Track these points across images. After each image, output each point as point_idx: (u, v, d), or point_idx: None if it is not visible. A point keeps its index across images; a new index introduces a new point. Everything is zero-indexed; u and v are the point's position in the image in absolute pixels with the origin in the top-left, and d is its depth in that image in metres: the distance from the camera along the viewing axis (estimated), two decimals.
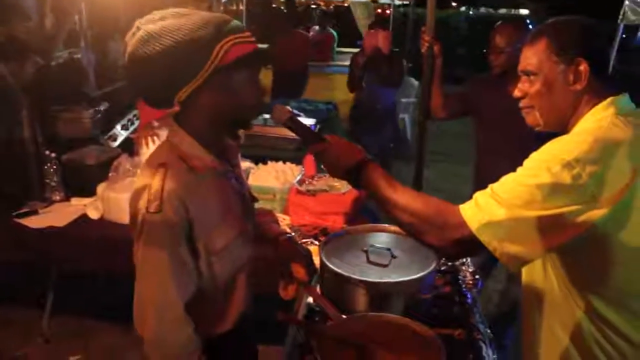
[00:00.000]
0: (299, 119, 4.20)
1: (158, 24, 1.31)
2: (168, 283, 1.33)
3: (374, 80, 4.78)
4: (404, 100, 7.95)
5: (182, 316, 1.36)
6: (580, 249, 1.31)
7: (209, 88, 1.34)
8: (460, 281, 2.05)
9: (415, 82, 8.33)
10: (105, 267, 2.98)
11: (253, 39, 1.37)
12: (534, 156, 1.33)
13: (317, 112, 5.52)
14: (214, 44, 1.30)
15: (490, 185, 1.35)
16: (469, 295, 1.97)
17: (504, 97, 2.63)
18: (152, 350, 1.36)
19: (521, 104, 1.50)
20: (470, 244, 1.32)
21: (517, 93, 1.50)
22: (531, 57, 1.44)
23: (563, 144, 1.31)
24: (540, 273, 1.48)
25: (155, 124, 3.35)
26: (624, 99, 1.40)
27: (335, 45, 8.93)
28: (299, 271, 1.66)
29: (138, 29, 1.33)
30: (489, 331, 1.79)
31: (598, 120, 1.36)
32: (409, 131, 8.22)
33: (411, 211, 1.39)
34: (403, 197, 1.41)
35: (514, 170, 1.46)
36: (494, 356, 1.67)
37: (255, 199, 1.69)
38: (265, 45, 6.33)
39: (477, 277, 2.08)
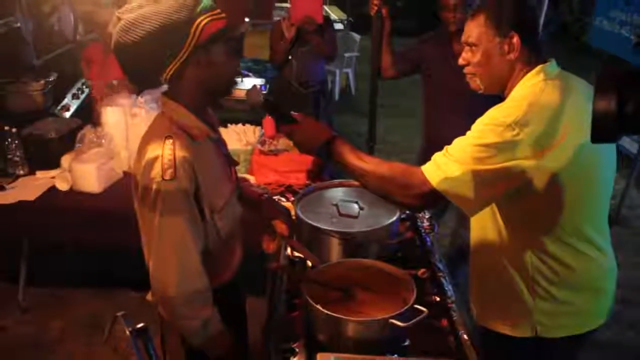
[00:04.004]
0: (250, 78, 4.26)
1: (137, 12, 1.43)
2: (187, 241, 1.49)
3: (304, 53, 4.28)
4: (347, 55, 8.10)
5: (201, 269, 1.53)
6: (527, 197, 1.55)
7: (192, 64, 1.48)
8: (419, 227, 2.29)
9: (357, 37, 8.48)
10: (77, 237, 3.07)
11: (223, 15, 1.51)
12: (480, 121, 1.55)
13: (264, 72, 5.61)
14: (190, 24, 1.43)
15: (445, 147, 1.57)
16: (427, 239, 2.21)
17: (450, 55, 2.84)
18: (174, 304, 1.50)
19: (465, 70, 1.72)
20: (432, 197, 1.55)
21: (461, 61, 1.71)
22: (472, 30, 1.66)
23: (503, 110, 1.53)
24: (489, 218, 1.72)
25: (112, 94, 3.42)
26: (551, 65, 1.64)
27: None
28: (281, 227, 1.84)
29: (119, 19, 1.45)
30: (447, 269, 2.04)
31: (531, 86, 1.58)
32: (352, 85, 8.42)
33: (379, 175, 1.60)
34: (370, 164, 1.61)
35: (459, 123, 1.69)
36: (453, 290, 1.91)
37: (236, 163, 1.85)
38: None
39: (433, 222, 2.33)
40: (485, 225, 1.75)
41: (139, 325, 1.31)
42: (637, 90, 0.90)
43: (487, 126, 1.51)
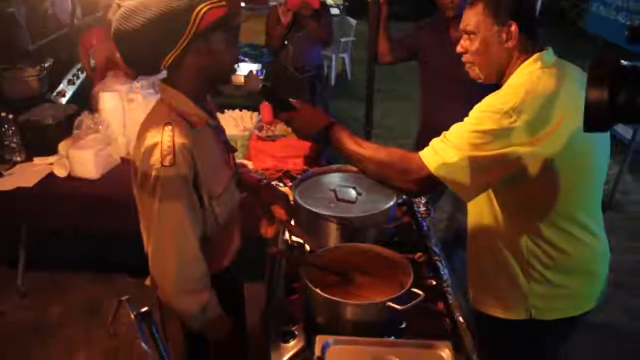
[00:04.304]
0: (246, 63, 4.25)
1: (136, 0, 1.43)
2: (186, 227, 1.50)
3: (300, 39, 4.28)
4: (343, 39, 8.08)
5: (199, 254, 1.55)
6: (522, 183, 1.57)
7: (191, 52, 1.48)
8: (415, 212, 2.31)
9: (353, 21, 8.45)
10: (75, 223, 3.10)
11: (223, 3, 1.51)
12: (477, 108, 1.57)
13: (261, 57, 5.60)
14: (190, 12, 1.43)
15: (443, 133, 1.59)
16: (424, 223, 2.24)
17: (448, 42, 2.86)
18: (173, 289, 1.52)
19: (463, 58, 1.73)
20: (429, 183, 1.57)
21: (459, 49, 1.73)
22: (470, 18, 1.67)
23: (501, 97, 1.55)
24: (486, 203, 1.74)
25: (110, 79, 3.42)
26: (548, 53, 1.65)
27: None
28: (280, 212, 1.86)
29: (119, 6, 1.46)
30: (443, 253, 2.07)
31: (528, 73, 1.60)
32: (349, 70, 8.42)
33: (377, 161, 1.62)
34: (368, 150, 1.63)
35: (456, 109, 1.71)
36: (449, 274, 1.94)
37: (234, 149, 1.86)
38: None
39: (429, 207, 2.35)
40: (481, 210, 1.78)
41: (143, 309, 1.33)
42: (628, 80, 0.92)
43: (485, 113, 1.53)
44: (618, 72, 0.94)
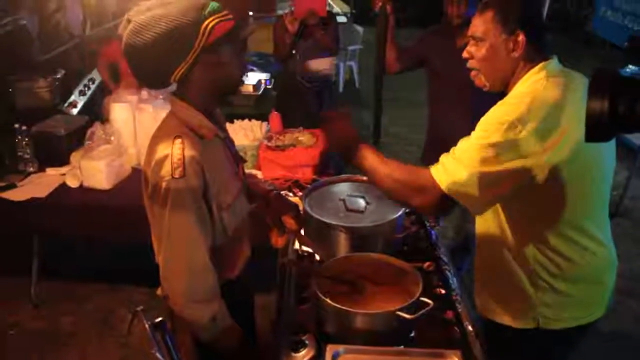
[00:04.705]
0: (254, 72, 4.24)
1: (147, 15, 1.47)
2: (196, 238, 1.53)
3: (308, 47, 4.28)
4: (350, 47, 8.11)
5: (209, 265, 1.57)
6: (529, 192, 1.58)
7: (200, 65, 1.51)
8: (424, 221, 2.32)
9: (360, 29, 8.48)
10: (88, 233, 3.15)
11: (231, 16, 1.54)
12: (483, 120, 1.58)
13: (268, 66, 5.62)
14: (199, 26, 1.47)
15: (452, 149, 1.60)
16: (432, 232, 2.25)
17: (454, 49, 2.88)
18: (184, 299, 1.55)
19: (468, 64, 1.74)
20: (445, 201, 1.57)
21: (465, 54, 1.74)
22: (480, 24, 1.68)
23: (506, 107, 1.57)
24: (492, 212, 1.75)
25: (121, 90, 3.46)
26: (553, 62, 1.67)
27: None
28: (290, 222, 1.88)
29: (129, 21, 1.49)
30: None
31: (533, 83, 1.62)
32: (356, 78, 8.44)
33: (395, 178, 1.62)
34: (388, 168, 1.63)
35: (465, 116, 1.72)
36: (458, 282, 1.95)
37: (243, 160, 1.89)
38: None
39: (437, 216, 2.37)
40: (487, 219, 1.79)
41: (158, 320, 1.36)
42: (628, 90, 0.93)
43: (491, 125, 1.54)
44: (618, 82, 0.95)
